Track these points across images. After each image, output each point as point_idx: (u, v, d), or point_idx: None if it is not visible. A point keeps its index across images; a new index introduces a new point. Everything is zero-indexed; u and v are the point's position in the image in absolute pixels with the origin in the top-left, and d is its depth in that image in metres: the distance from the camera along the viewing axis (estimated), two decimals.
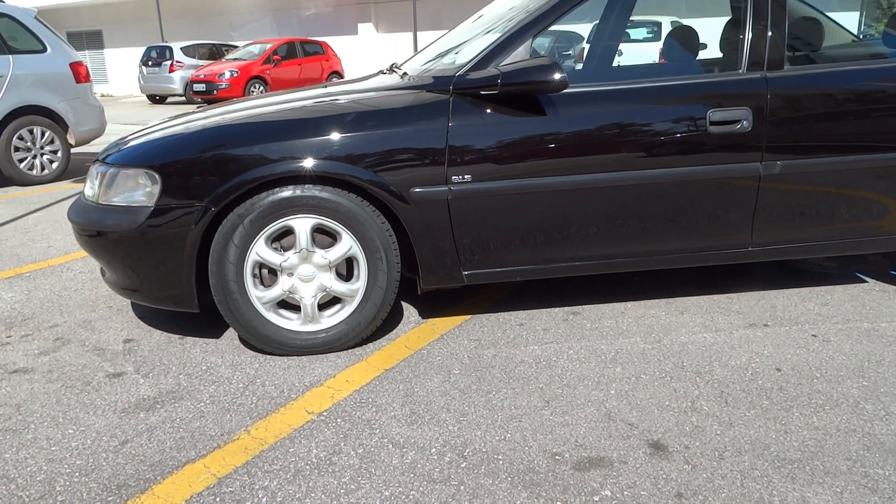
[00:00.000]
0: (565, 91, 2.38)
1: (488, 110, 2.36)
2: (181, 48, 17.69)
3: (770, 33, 2.47)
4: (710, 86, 2.45)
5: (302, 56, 16.95)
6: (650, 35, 12.00)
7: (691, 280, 3.09)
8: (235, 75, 15.33)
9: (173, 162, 2.29)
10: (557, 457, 1.81)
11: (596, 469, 1.75)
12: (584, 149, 2.39)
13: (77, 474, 1.80)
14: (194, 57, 17.75)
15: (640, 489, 1.66)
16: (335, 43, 19.95)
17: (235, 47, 18.57)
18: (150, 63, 17.59)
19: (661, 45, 11.70)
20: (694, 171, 2.44)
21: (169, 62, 17.29)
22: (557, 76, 2.24)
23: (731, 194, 2.50)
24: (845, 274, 3.11)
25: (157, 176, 2.29)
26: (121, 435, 1.98)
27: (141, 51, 19.71)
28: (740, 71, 2.48)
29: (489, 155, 2.35)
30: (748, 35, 2.48)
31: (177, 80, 17.18)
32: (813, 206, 2.55)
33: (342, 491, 1.70)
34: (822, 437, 1.86)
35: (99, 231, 2.38)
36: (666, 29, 11.90)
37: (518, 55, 2.41)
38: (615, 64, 3.61)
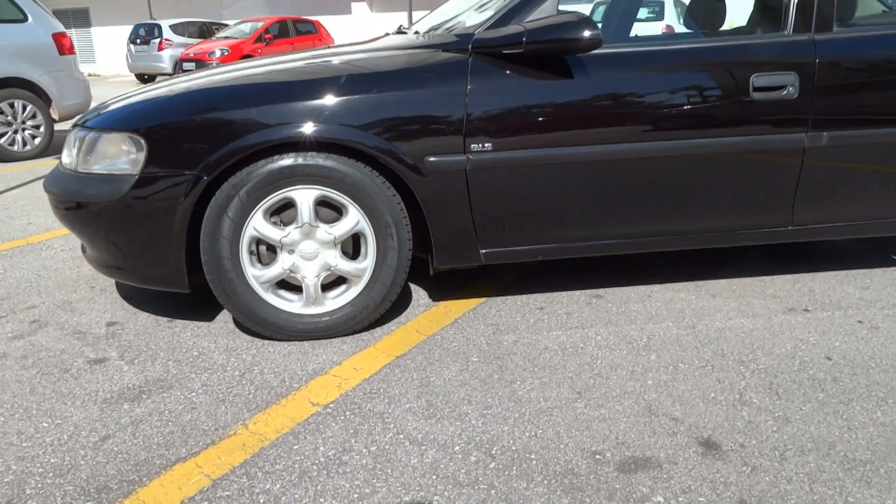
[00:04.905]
0: (596, 52, 2.16)
1: (511, 72, 2.13)
2: (170, 26, 17.22)
3: None
4: (753, 48, 2.23)
5: (294, 35, 16.55)
6: (652, 15, 11.74)
7: (718, 261, 2.88)
8: (226, 54, 14.92)
9: (160, 126, 2.06)
10: (598, 456, 1.60)
11: (643, 471, 1.54)
12: (616, 116, 2.17)
13: (51, 475, 1.58)
14: (184, 35, 17.30)
15: (697, 494, 1.46)
16: (328, 22, 19.54)
17: (226, 25, 18.13)
18: (138, 41, 17.12)
19: (663, 26, 11.46)
20: (733, 141, 2.23)
21: (158, 40, 16.83)
22: (588, 33, 2.01)
23: (773, 168, 2.29)
24: (881, 256, 2.92)
25: (142, 141, 2.06)
26: (101, 429, 1.76)
27: (129, 29, 19.21)
28: (786, 32, 2.27)
29: (512, 121, 2.12)
30: None
31: (166, 59, 16.74)
32: (861, 182, 2.35)
33: (355, 496, 1.49)
34: (891, 435, 1.66)
35: (78, 202, 2.15)
36: (668, 8, 11.63)
37: (544, 10, 2.18)
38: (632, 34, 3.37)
